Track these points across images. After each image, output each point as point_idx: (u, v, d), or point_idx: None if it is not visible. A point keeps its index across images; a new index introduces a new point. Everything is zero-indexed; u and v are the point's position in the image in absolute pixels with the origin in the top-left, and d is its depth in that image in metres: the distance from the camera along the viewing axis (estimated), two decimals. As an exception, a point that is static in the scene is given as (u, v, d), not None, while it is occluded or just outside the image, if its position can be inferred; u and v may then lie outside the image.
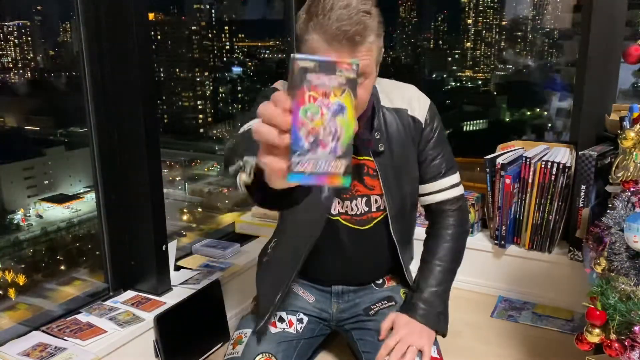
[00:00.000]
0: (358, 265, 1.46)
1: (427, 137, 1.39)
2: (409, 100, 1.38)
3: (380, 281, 1.53)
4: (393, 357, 1.26)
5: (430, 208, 1.47)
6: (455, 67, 3.03)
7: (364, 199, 1.37)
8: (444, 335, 1.38)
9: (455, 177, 1.45)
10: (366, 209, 1.38)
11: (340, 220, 1.39)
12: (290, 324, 1.44)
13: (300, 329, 1.44)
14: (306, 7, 1.16)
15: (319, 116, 0.68)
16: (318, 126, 0.68)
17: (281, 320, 1.43)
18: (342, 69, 0.68)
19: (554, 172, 1.79)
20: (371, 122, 1.33)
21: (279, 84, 1.37)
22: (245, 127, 1.18)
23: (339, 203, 1.38)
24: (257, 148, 0.74)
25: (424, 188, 1.44)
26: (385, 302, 1.47)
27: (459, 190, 1.46)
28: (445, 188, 1.43)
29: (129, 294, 1.68)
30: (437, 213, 1.46)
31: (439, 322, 1.36)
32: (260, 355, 1.32)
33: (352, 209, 1.39)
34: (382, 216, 1.40)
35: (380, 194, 1.37)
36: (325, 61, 0.68)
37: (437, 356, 1.34)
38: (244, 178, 0.89)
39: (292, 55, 0.69)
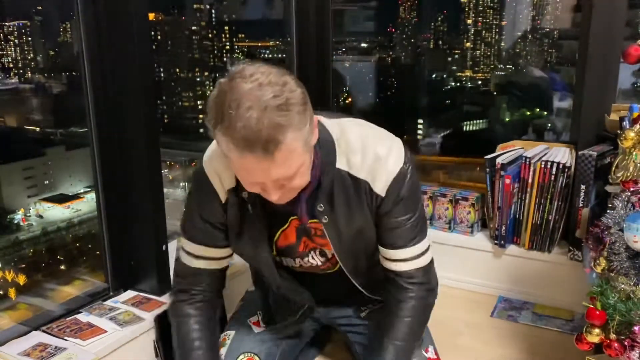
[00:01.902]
0: (333, 298, 1.42)
1: (388, 207, 1.18)
2: (372, 167, 1.15)
3: None
4: None
5: (387, 275, 1.26)
6: (455, 67, 3.03)
7: (318, 251, 1.29)
8: None
9: (417, 248, 1.22)
10: (322, 259, 1.30)
11: (297, 269, 1.34)
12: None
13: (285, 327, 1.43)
14: (212, 98, 0.95)
15: None
16: None
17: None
18: None
19: (553, 172, 1.79)
20: (316, 189, 1.15)
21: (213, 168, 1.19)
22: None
23: (290, 260, 1.31)
24: None
25: (382, 251, 1.24)
26: (377, 302, 1.44)
27: (424, 260, 1.24)
28: (402, 259, 1.22)
29: (129, 293, 1.69)
30: (394, 283, 1.25)
31: None
32: (243, 355, 1.32)
33: (306, 263, 1.31)
34: (336, 268, 1.31)
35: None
36: None
37: (435, 357, 1.34)
38: None
39: None
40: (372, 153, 1.15)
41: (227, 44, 2.81)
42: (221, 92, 0.93)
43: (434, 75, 3.10)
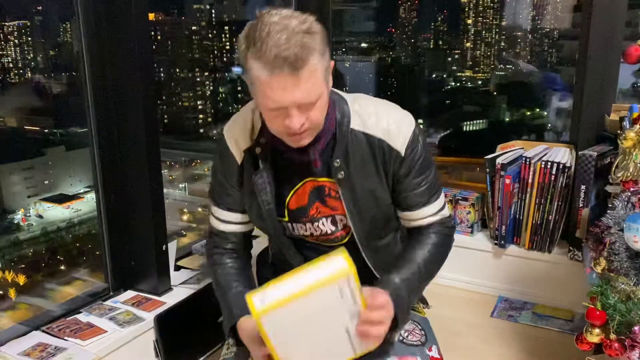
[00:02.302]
0: None
1: (407, 168, 1.26)
2: (387, 128, 1.24)
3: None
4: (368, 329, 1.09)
5: (410, 231, 1.36)
6: (455, 67, 3.03)
7: (329, 219, 1.29)
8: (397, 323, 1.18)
9: (438, 203, 1.32)
10: (333, 228, 1.30)
11: (306, 239, 1.34)
12: None
13: None
14: (244, 32, 1.09)
15: None
16: None
17: None
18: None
19: (553, 172, 1.80)
20: (333, 147, 1.23)
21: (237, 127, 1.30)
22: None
23: (301, 227, 1.31)
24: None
25: (405, 215, 1.32)
26: None
27: (443, 214, 1.33)
28: (428, 215, 1.31)
29: (129, 293, 1.69)
30: (417, 232, 1.33)
31: (401, 311, 1.21)
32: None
33: (316, 230, 1.31)
34: (347, 238, 1.32)
35: (344, 214, 1.27)
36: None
37: (438, 356, 1.34)
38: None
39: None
40: (385, 117, 1.25)
41: (227, 44, 2.81)
42: (252, 26, 1.06)
43: (434, 75, 3.10)
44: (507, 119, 2.96)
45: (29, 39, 1.93)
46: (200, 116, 2.81)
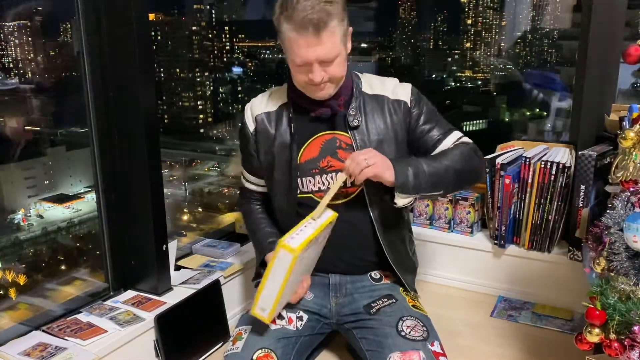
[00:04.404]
0: (342, 244, 1.48)
1: (417, 115, 1.50)
2: (391, 88, 1.51)
3: (378, 276, 1.54)
4: (352, 165, 1.32)
5: None
6: (455, 68, 3.03)
7: (338, 174, 1.39)
8: (396, 187, 1.35)
9: (456, 134, 1.51)
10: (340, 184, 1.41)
11: (314, 197, 1.45)
12: (290, 321, 1.44)
13: (300, 326, 1.45)
14: (279, 2, 1.33)
15: None
16: None
17: (280, 317, 1.44)
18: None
19: (553, 172, 1.80)
20: (349, 103, 1.47)
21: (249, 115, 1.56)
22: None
23: (310, 181, 1.45)
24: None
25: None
26: (386, 299, 1.47)
27: (465, 140, 1.51)
28: (450, 144, 1.49)
29: (130, 293, 1.69)
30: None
31: (405, 171, 1.35)
32: (260, 351, 1.33)
33: (324, 184, 1.45)
34: (357, 191, 1.45)
35: None
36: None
37: (440, 351, 1.35)
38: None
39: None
40: (388, 82, 1.53)
41: (227, 44, 2.81)
42: None
43: (434, 75, 3.10)
44: (507, 119, 2.97)
45: (29, 39, 1.93)
46: (200, 116, 2.82)
